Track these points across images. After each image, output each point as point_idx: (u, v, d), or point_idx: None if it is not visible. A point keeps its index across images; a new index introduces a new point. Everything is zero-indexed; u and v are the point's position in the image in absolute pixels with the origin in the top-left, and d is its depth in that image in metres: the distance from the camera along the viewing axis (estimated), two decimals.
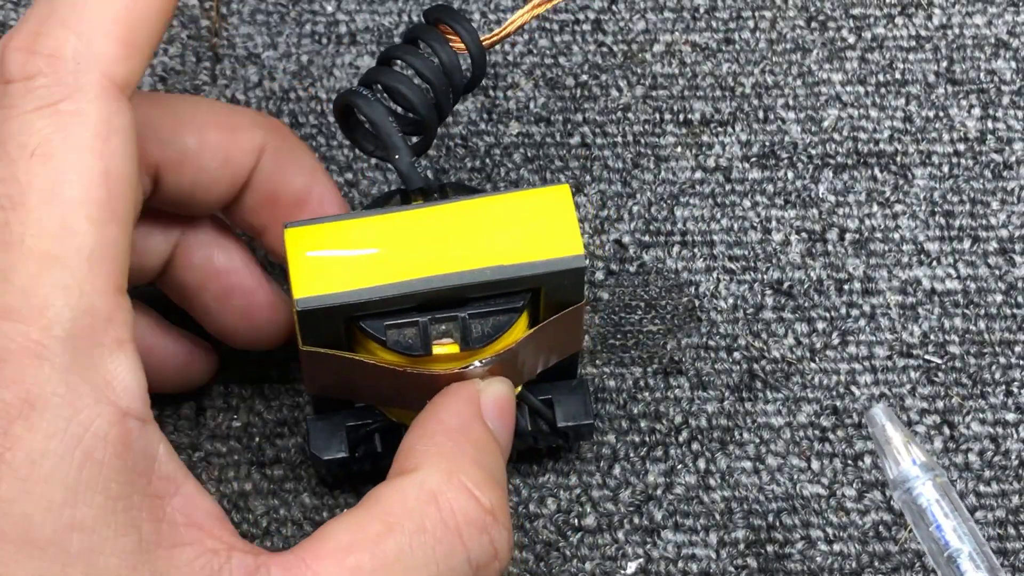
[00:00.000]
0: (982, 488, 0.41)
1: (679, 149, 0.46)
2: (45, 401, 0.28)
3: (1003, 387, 0.43)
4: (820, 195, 0.45)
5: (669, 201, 0.45)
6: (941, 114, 0.46)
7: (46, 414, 0.28)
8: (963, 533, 0.33)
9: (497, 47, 0.47)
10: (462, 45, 0.37)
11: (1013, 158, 0.46)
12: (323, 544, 0.31)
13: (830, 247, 0.44)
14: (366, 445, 0.39)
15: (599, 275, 0.44)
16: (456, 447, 0.33)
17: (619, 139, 0.46)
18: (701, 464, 0.42)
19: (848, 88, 0.47)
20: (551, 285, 0.35)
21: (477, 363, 0.35)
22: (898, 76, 0.47)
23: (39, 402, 0.28)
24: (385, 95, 0.36)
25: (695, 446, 0.42)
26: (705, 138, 0.46)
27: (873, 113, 0.46)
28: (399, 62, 0.37)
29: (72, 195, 0.29)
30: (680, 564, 0.40)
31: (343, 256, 0.34)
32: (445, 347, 0.35)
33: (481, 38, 0.37)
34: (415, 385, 0.36)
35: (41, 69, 0.30)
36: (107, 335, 0.29)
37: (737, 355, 0.43)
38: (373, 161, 0.45)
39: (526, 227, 0.35)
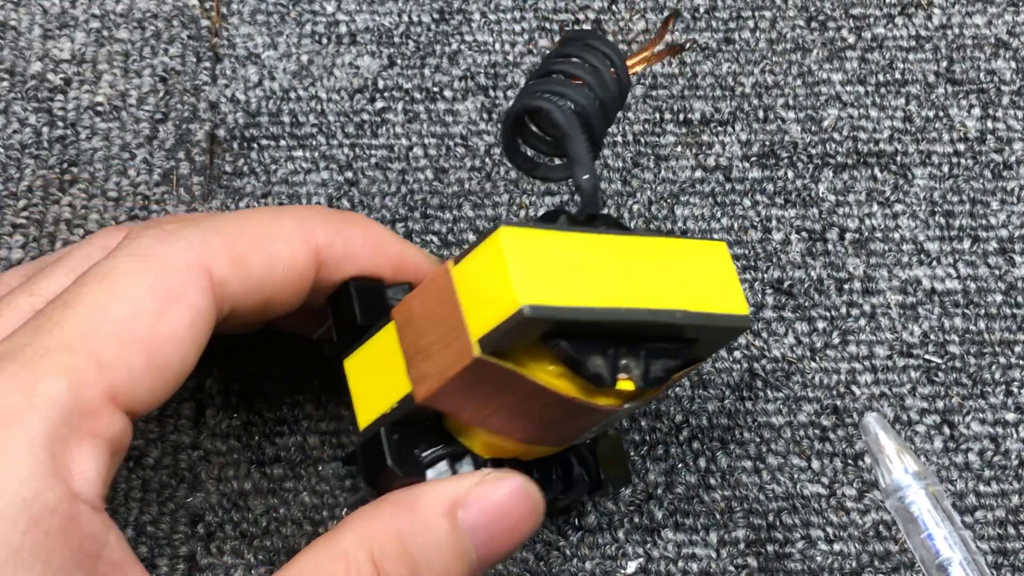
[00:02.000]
0: (982, 488, 0.41)
1: (679, 148, 0.46)
2: (4, 461, 0.29)
3: (1003, 387, 0.43)
4: (820, 195, 0.45)
5: (669, 200, 0.45)
6: (941, 114, 0.46)
7: (3, 472, 0.29)
8: (954, 542, 0.33)
9: (498, 46, 0.47)
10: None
11: (1013, 158, 0.46)
12: None
13: (830, 247, 0.44)
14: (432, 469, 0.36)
15: None
16: (389, 520, 0.33)
17: (619, 139, 0.46)
18: (702, 463, 0.42)
19: (848, 88, 0.47)
20: (711, 340, 0.35)
21: (626, 405, 0.34)
22: (898, 76, 0.47)
23: (0, 461, 0.29)
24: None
25: (696, 445, 0.42)
26: (705, 137, 0.46)
27: (873, 113, 0.46)
28: (563, 76, 0.34)
29: (112, 318, 0.32)
30: (680, 563, 0.40)
31: (560, 269, 0.32)
32: (621, 382, 0.33)
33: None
34: (563, 416, 0.34)
35: (153, 233, 0.34)
36: (83, 424, 0.31)
37: (737, 354, 0.43)
38: (373, 160, 0.45)
39: (698, 276, 0.34)
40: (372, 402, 0.35)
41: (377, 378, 0.35)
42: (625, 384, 0.33)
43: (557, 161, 0.36)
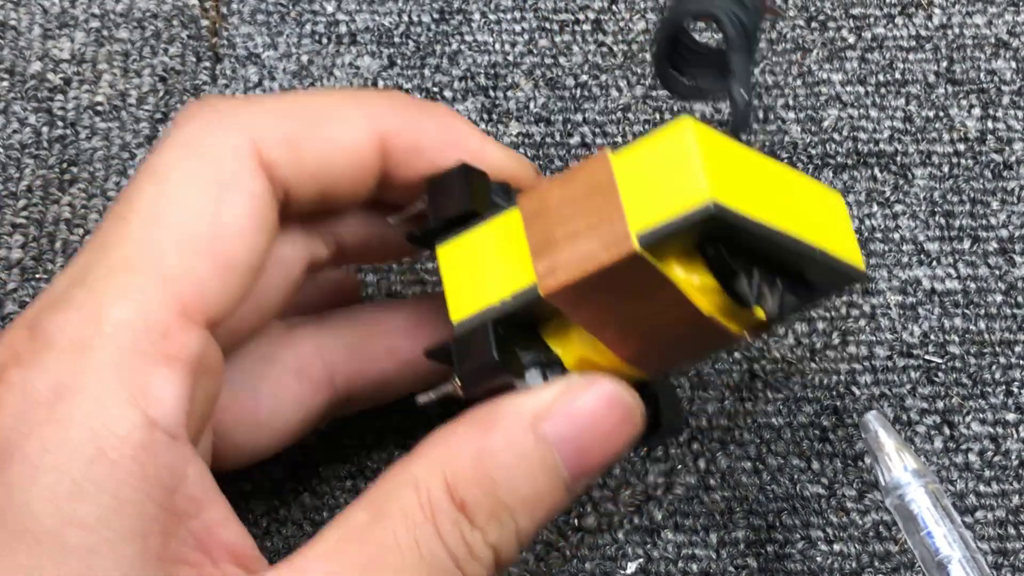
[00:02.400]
0: (982, 488, 0.41)
1: None
2: (74, 393, 0.28)
3: (1003, 387, 0.43)
4: None
5: None
6: (941, 114, 0.46)
7: (71, 405, 0.28)
8: (953, 540, 0.33)
9: (498, 46, 0.47)
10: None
11: (1013, 158, 0.46)
12: (316, 546, 0.31)
13: None
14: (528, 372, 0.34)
15: None
16: (464, 442, 0.31)
17: (619, 139, 0.46)
18: (701, 464, 0.42)
19: (848, 88, 0.47)
20: (827, 286, 0.33)
21: (746, 337, 0.32)
22: (898, 76, 0.47)
23: (68, 393, 0.28)
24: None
25: (695, 446, 0.42)
26: None
27: (873, 113, 0.46)
28: None
29: (168, 222, 0.30)
30: (680, 564, 0.40)
31: (735, 174, 0.31)
32: (756, 309, 0.31)
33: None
34: (684, 336, 0.32)
35: (202, 116, 0.32)
36: (157, 347, 0.29)
37: (737, 355, 0.43)
38: None
39: (827, 220, 0.32)
40: (473, 294, 0.33)
41: (483, 269, 0.33)
42: (757, 311, 0.32)
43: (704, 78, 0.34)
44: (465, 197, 0.33)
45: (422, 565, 0.30)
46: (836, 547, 0.41)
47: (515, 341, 0.33)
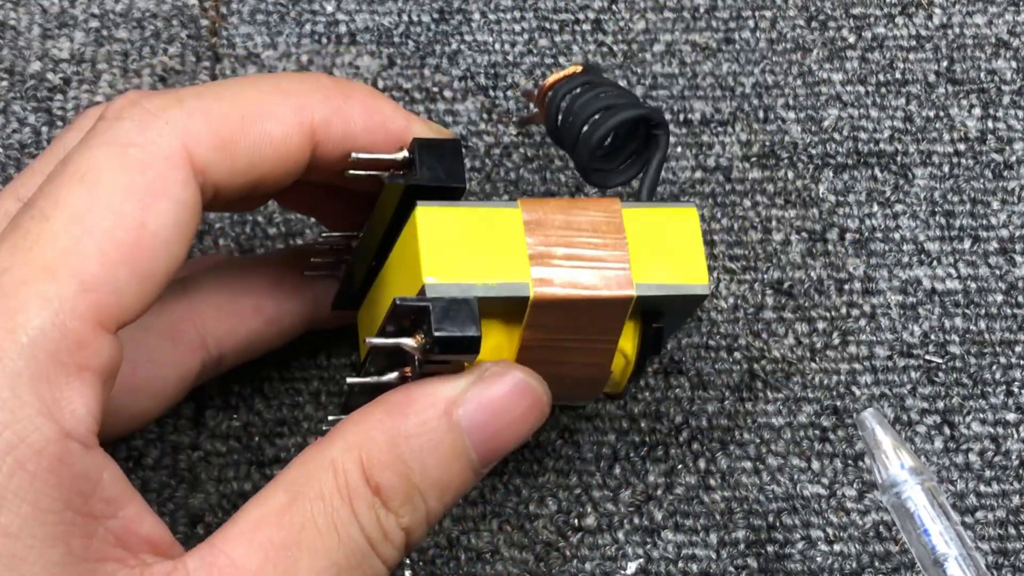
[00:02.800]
0: (982, 488, 0.41)
1: (679, 149, 0.46)
2: None
3: (1003, 387, 0.43)
4: (820, 195, 0.45)
5: (669, 201, 0.45)
6: (941, 114, 0.46)
7: None
8: (950, 537, 0.33)
9: (498, 46, 0.47)
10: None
11: (1013, 158, 0.46)
12: (235, 525, 0.31)
13: (830, 247, 0.44)
14: None
15: None
16: (380, 425, 0.32)
17: None
18: (701, 464, 0.42)
19: (848, 88, 0.47)
20: (674, 319, 0.36)
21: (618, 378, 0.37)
22: (898, 76, 0.47)
23: None
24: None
25: (695, 446, 0.42)
26: (705, 138, 0.46)
27: (873, 113, 0.46)
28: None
29: (94, 226, 0.30)
30: (680, 564, 0.40)
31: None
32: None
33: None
34: (589, 380, 0.36)
35: (133, 116, 0.31)
36: (72, 358, 0.29)
37: (737, 355, 0.43)
38: None
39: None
40: (457, 265, 0.33)
41: (472, 247, 0.33)
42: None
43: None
44: (458, 172, 0.35)
45: (340, 547, 0.31)
46: (836, 547, 0.41)
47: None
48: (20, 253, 0.30)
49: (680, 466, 0.42)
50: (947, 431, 0.42)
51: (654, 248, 0.34)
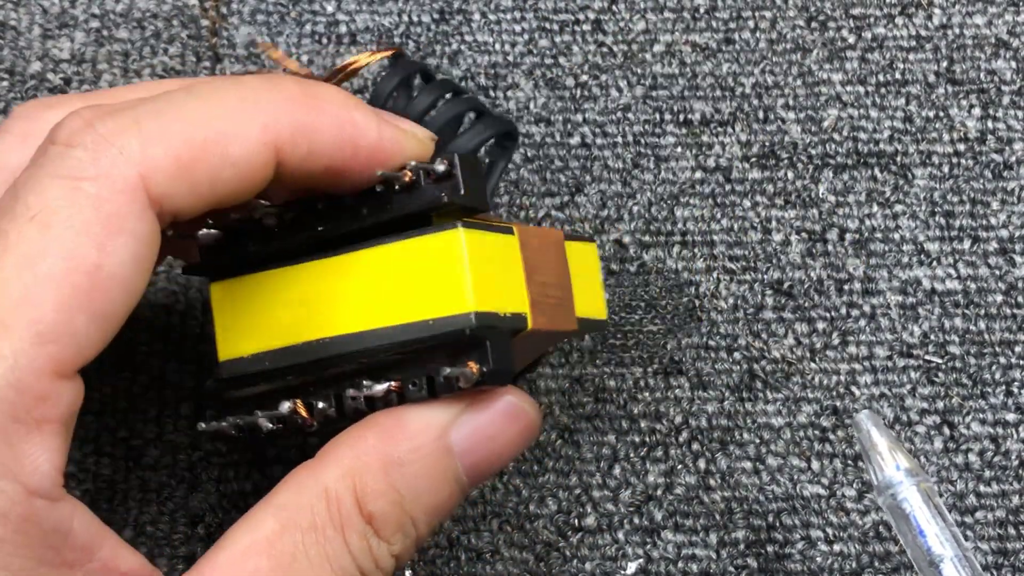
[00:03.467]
0: (982, 488, 0.41)
1: (679, 149, 0.46)
2: None
3: (1003, 387, 0.43)
4: (820, 195, 0.45)
5: (669, 201, 0.45)
6: (941, 114, 0.46)
7: None
8: (946, 539, 0.33)
9: (498, 46, 0.47)
10: None
11: (1013, 158, 0.46)
12: (222, 552, 0.30)
13: (830, 247, 0.44)
14: None
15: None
16: (374, 452, 0.32)
17: (619, 139, 0.46)
18: (701, 464, 0.42)
19: (848, 88, 0.47)
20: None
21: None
22: (898, 76, 0.47)
23: None
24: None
25: (695, 446, 0.42)
26: (705, 138, 0.46)
27: (873, 113, 0.46)
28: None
29: (49, 271, 0.28)
30: (680, 564, 0.40)
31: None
32: None
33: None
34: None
35: (86, 143, 0.29)
36: (30, 413, 0.28)
37: (737, 355, 0.43)
38: None
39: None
40: (496, 293, 0.33)
41: (500, 275, 0.33)
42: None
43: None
44: (487, 199, 0.34)
45: None
46: (836, 547, 0.41)
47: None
48: None
49: (680, 466, 0.42)
50: (947, 431, 0.42)
51: (578, 281, 0.36)
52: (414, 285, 0.32)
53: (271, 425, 0.33)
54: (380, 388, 0.32)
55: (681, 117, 0.46)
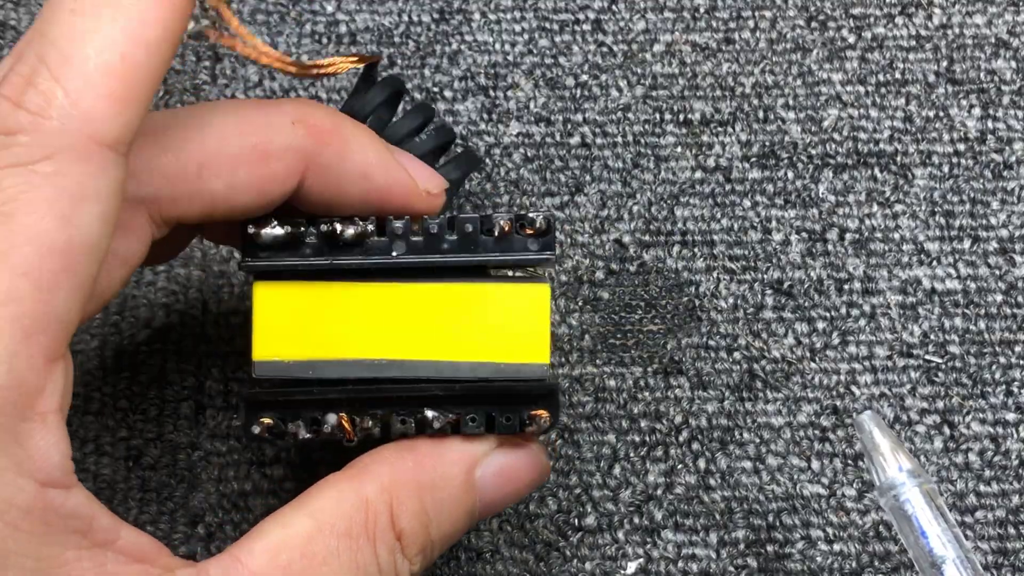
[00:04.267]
0: (982, 488, 0.41)
1: (679, 149, 0.46)
2: None
3: (1003, 387, 0.43)
4: (820, 195, 0.45)
5: (669, 201, 0.45)
6: (941, 114, 0.46)
7: None
8: (948, 540, 0.33)
9: (498, 46, 0.47)
10: None
11: (1013, 158, 0.46)
12: (257, 541, 0.32)
13: (830, 247, 0.44)
14: None
15: (599, 274, 0.44)
16: (411, 473, 0.33)
17: (619, 139, 0.46)
18: (701, 464, 0.42)
19: (848, 88, 0.47)
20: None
21: None
22: (898, 76, 0.47)
23: None
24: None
25: (695, 446, 0.42)
26: (705, 138, 0.46)
27: (873, 113, 0.46)
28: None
29: (21, 261, 0.28)
30: (680, 564, 0.40)
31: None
32: None
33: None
34: None
35: (24, 126, 0.29)
36: (31, 408, 0.29)
37: (737, 355, 0.43)
38: None
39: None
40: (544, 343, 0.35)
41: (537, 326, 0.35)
42: None
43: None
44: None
45: None
46: (836, 547, 0.41)
47: None
48: None
49: (680, 466, 0.42)
50: (947, 431, 0.42)
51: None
52: (496, 328, 0.34)
53: (308, 435, 0.34)
54: (438, 416, 0.34)
55: (681, 117, 0.46)
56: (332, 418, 0.34)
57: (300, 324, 0.34)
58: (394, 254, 0.34)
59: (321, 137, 0.34)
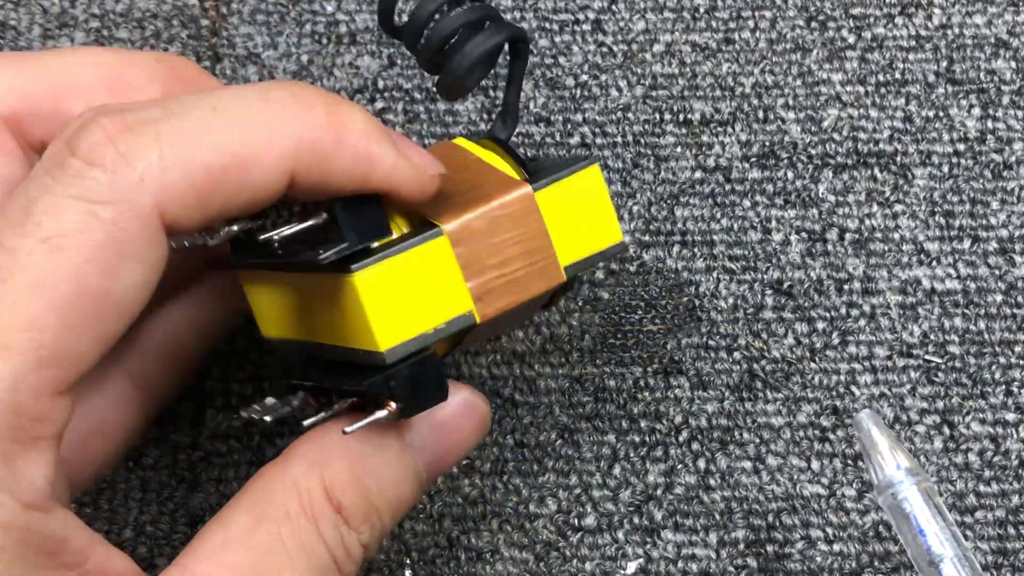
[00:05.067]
0: (982, 488, 0.41)
1: (679, 149, 0.46)
2: None
3: (1003, 387, 0.43)
4: (820, 195, 0.45)
5: (669, 201, 0.45)
6: (941, 114, 0.46)
7: None
8: (946, 538, 0.33)
9: None
10: None
11: (1013, 158, 0.46)
12: (201, 545, 0.31)
13: (830, 247, 0.44)
14: None
15: (599, 274, 0.44)
16: (335, 445, 0.33)
17: (619, 139, 0.46)
18: (701, 464, 0.42)
19: (848, 88, 0.47)
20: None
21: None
22: (898, 76, 0.47)
23: None
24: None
25: (695, 446, 0.42)
26: (705, 138, 0.46)
27: (873, 113, 0.46)
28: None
29: (56, 296, 0.29)
30: (680, 564, 0.40)
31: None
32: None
33: None
34: (525, 315, 0.38)
35: (105, 163, 0.29)
36: (26, 432, 0.29)
37: (737, 355, 0.43)
38: None
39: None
40: (404, 321, 0.33)
41: (412, 296, 0.33)
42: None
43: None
44: (385, 224, 0.33)
45: (308, 567, 0.32)
46: (836, 547, 0.41)
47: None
48: None
49: (680, 466, 0.42)
50: (946, 431, 0.42)
51: (569, 221, 0.35)
52: (346, 319, 0.33)
53: (282, 408, 0.34)
54: (343, 403, 0.34)
55: (681, 117, 0.46)
56: (300, 396, 0.34)
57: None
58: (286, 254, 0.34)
59: (318, 130, 0.32)
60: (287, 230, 0.33)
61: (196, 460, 0.41)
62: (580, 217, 0.35)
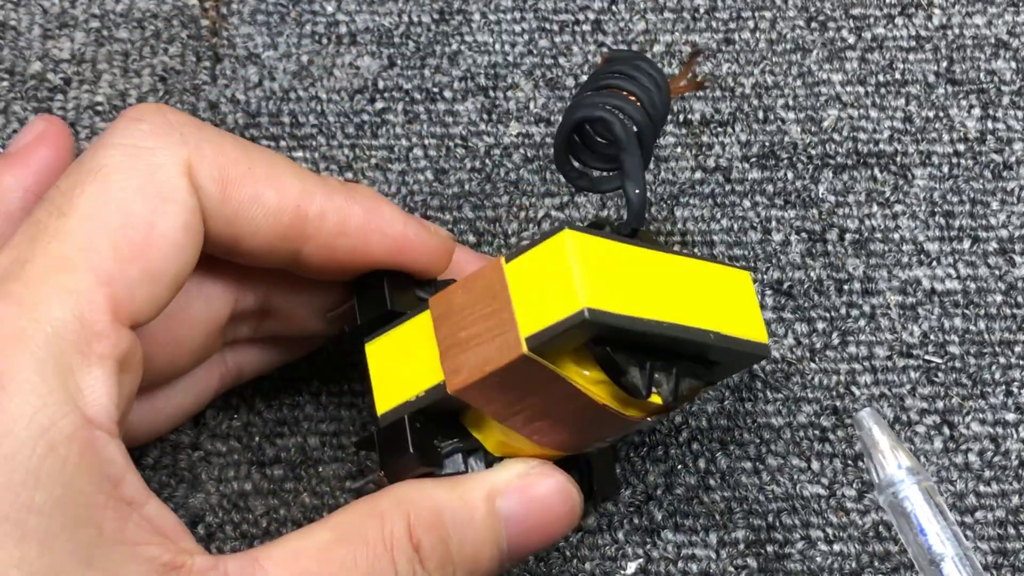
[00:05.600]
0: (982, 488, 0.41)
1: (679, 149, 0.46)
2: (17, 385, 0.29)
3: (1003, 387, 0.43)
4: (820, 195, 0.45)
5: (669, 201, 0.45)
6: (941, 114, 0.46)
7: (16, 397, 0.29)
8: (947, 538, 0.33)
9: (498, 47, 0.47)
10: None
11: (1013, 158, 0.46)
12: (277, 548, 0.32)
13: (830, 247, 0.44)
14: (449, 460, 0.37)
15: None
16: (427, 494, 0.34)
17: None
18: (701, 464, 0.42)
19: (848, 88, 0.47)
20: (731, 364, 0.36)
21: (648, 419, 0.35)
22: (898, 76, 0.47)
23: (11, 384, 0.29)
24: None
25: (695, 446, 0.42)
26: (705, 138, 0.46)
27: (873, 113, 0.46)
28: (617, 91, 0.35)
29: (107, 222, 0.31)
30: (680, 564, 0.40)
31: (614, 277, 0.33)
32: (652, 396, 0.34)
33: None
34: (587, 422, 0.35)
35: (153, 120, 0.33)
36: (90, 347, 0.30)
37: None
38: (373, 161, 0.45)
39: (726, 301, 0.35)
40: (395, 389, 0.35)
41: (403, 365, 0.35)
42: (654, 398, 0.34)
43: (605, 174, 0.36)
44: (383, 299, 0.36)
45: None
46: (836, 547, 0.41)
47: (437, 430, 0.35)
48: (40, 246, 0.31)
49: (680, 466, 0.42)
50: (946, 431, 0.42)
51: (536, 293, 0.33)
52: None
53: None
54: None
55: (681, 117, 0.46)
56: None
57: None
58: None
59: (333, 188, 0.36)
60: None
61: (196, 460, 0.41)
62: (547, 289, 0.33)
